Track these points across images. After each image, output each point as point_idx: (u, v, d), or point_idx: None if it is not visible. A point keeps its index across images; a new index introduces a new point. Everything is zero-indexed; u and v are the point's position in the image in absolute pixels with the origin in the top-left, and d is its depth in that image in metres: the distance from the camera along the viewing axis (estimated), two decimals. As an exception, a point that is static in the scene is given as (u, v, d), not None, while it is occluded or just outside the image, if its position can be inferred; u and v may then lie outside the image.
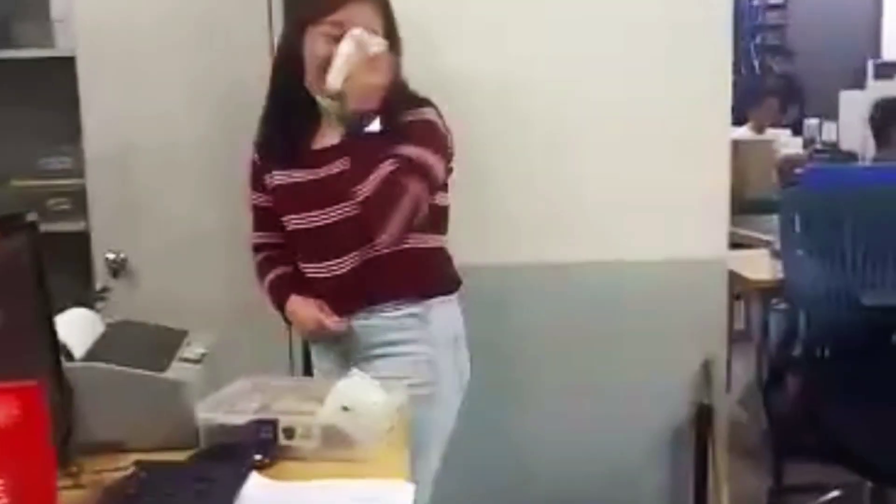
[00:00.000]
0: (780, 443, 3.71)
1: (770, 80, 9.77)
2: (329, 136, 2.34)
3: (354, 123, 2.24)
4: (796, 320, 3.57)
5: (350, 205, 2.25)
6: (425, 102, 2.35)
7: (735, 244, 4.40)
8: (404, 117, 2.29)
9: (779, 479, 3.76)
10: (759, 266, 4.03)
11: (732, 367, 4.24)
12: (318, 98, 2.31)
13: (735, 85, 3.00)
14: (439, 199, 2.38)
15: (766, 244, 4.35)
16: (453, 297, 2.44)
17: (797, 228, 3.59)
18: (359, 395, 1.93)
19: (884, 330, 3.38)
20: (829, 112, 7.41)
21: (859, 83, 7.50)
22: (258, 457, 1.78)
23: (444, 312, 2.41)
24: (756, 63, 10.71)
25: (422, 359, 2.36)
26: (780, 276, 3.71)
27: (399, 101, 2.30)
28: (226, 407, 1.93)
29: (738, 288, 4.31)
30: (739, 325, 5.00)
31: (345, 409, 1.88)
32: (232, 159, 2.67)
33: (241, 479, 1.70)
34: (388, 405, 1.95)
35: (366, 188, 2.19)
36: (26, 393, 1.21)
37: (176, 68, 2.88)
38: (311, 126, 2.37)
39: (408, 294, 2.35)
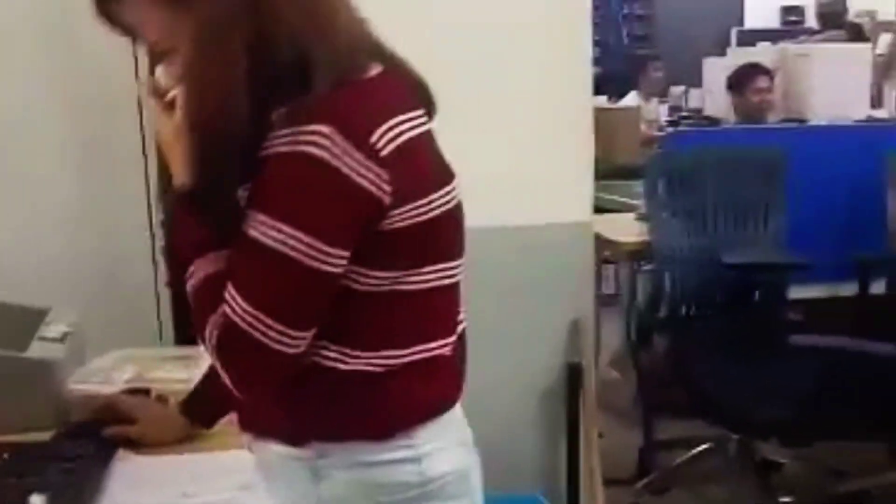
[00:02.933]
0: (649, 399, 3.82)
1: (637, 50, 9.98)
2: None
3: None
4: (662, 281, 3.68)
5: None
6: (319, 113, 1.26)
7: (603, 209, 4.50)
8: (271, 148, 1.28)
9: (649, 436, 3.87)
10: (626, 229, 4.11)
11: (604, 330, 4.33)
12: None
13: (604, 55, 3.05)
14: (372, 284, 1.35)
15: (633, 209, 4.44)
16: (386, 445, 1.40)
17: (661, 191, 3.70)
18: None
19: (744, 287, 3.51)
20: (695, 80, 7.58)
21: (723, 51, 7.69)
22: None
23: (358, 468, 1.40)
24: (624, 32, 10.89)
25: None
26: (646, 238, 3.82)
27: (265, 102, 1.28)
28: (97, 378, 1.90)
29: (608, 252, 4.40)
30: (610, 289, 5.10)
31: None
32: (89, 121, 2.59)
33: (107, 455, 1.68)
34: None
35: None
36: None
37: (28, 26, 2.76)
38: None
39: (288, 430, 1.43)
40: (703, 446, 3.76)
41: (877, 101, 5.79)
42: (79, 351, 1.99)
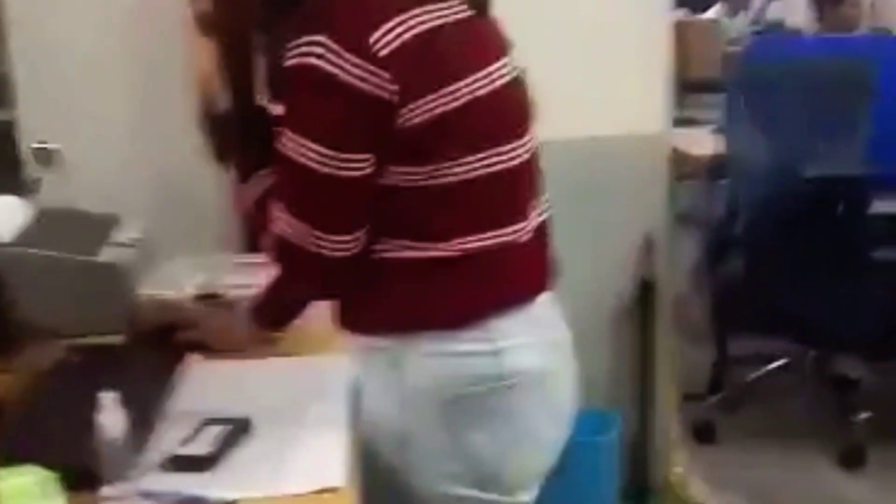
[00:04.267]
0: (724, 316, 3.76)
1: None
2: None
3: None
4: (739, 196, 3.60)
5: None
6: (306, 27, 1.31)
7: (681, 123, 4.40)
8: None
9: (723, 352, 3.82)
10: (702, 143, 4.03)
11: (680, 247, 4.26)
12: None
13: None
14: (405, 180, 1.39)
15: (711, 123, 4.34)
16: (459, 335, 1.44)
17: (741, 103, 3.60)
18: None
19: (825, 202, 3.41)
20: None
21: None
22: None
23: (435, 358, 1.45)
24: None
25: (385, 426, 1.51)
26: (723, 152, 3.73)
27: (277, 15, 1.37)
28: (168, 284, 1.91)
29: (684, 168, 4.31)
30: (685, 206, 5.01)
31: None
32: (161, 48, 2.60)
33: (177, 359, 1.69)
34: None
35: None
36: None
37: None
38: None
39: (361, 324, 1.52)
40: (778, 362, 3.72)
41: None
42: (148, 257, 2.00)
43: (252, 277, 1.94)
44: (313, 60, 1.27)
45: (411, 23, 1.31)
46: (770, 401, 3.72)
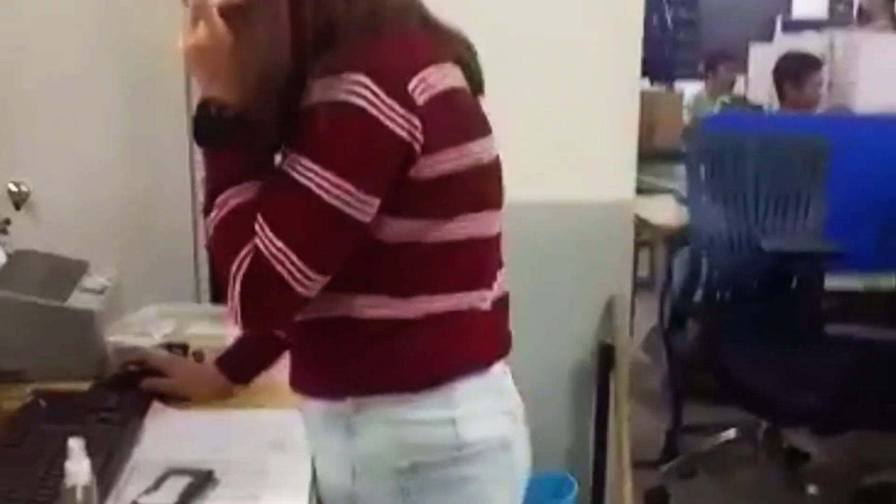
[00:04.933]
0: (680, 384, 3.81)
1: (681, 34, 9.88)
2: None
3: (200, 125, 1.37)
4: (699, 265, 3.66)
5: None
6: (338, 66, 1.29)
7: (642, 191, 4.47)
8: (311, 97, 1.30)
9: (678, 420, 3.86)
10: (665, 212, 4.10)
11: (636, 313, 4.31)
12: None
13: (646, 38, 3.03)
14: (400, 233, 1.37)
15: (673, 192, 4.42)
16: (419, 401, 1.40)
17: (702, 175, 3.67)
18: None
19: (783, 274, 3.48)
20: (740, 67, 7.51)
21: (769, 38, 7.61)
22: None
23: (391, 425, 1.41)
24: (668, 17, 10.80)
25: (336, 495, 1.48)
26: (685, 222, 3.80)
27: (323, 53, 1.31)
28: (136, 331, 1.92)
29: (644, 235, 4.39)
30: (644, 272, 5.09)
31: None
32: (139, 91, 2.63)
33: (143, 407, 1.70)
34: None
35: (210, 224, 1.38)
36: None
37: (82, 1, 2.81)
38: None
39: (326, 384, 1.46)
40: (732, 432, 3.75)
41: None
42: (117, 304, 2.01)
43: (221, 328, 1.96)
44: (355, 99, 1.26)
45: (440, 75, 1.34)
46: (723, 470, 3.76)
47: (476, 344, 1.45)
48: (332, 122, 1.27)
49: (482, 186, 1.43)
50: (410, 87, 1.30)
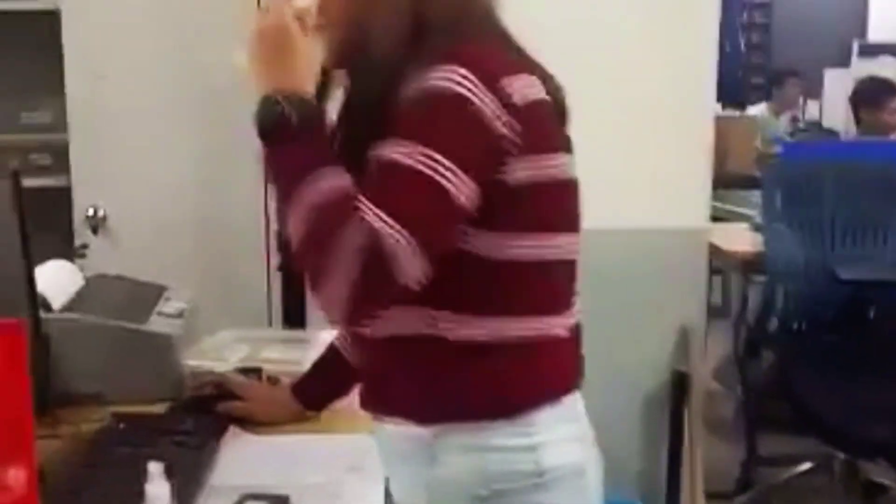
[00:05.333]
0: (754, 414, 3.75)
1: (753, 58, 9.80)
2: None
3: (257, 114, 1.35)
4: (774, 293, 3.61)
5: None
6: (447, 58, 1.30)
7: (716, 218, 4.42)
8: (409, 85, 1.30)
9: (752, 451, 3.78)
10: (739, 239, 4.04)
11: (709, 341, 4.26)
12: None
13: (721, 62, 3.02)
14: (486, 247, 1.34)
15: (747, 219, 4.37)
16: (498, 428, 1.39)
17: (778, 202, 3.62)
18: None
19: (859, 304, 3.42)
20: (814, 91, 7.44)
21: (844, 62, 7.53)
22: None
23: (469, 452, 1.39)
24: (741, 41, 10.71)
25: None
26: (760, 249, 3.75)
27: (422, 46, 1.34)
28: (211, 356, 1.93)
29: (718, 262, 4.33)
30: (717, 300, 5.02)
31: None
32: (212, 117, 2.67)
33: (219, 431, 1.71)
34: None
35: (297, 216, 1.29)
36: (8, 329, 1.18)
37: (160, 23, 2.86)
38: None
39: (404, 407, 1.43)
40: (807, 464, 3.68)
41: None
42: (193, 328, 2.03)
43: (294, 352, 1.98)
44: (459, 88, 1.27)
45: (531, 82, 1.35)
46: (798, 502, 3.68)
47: (556, 371, 1.44)
48: (438, 109, 1.28)
49: (567, 204, 1.42)
50: (506, 86, 1.30)
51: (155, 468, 1.29)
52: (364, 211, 1.22)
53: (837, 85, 5.80)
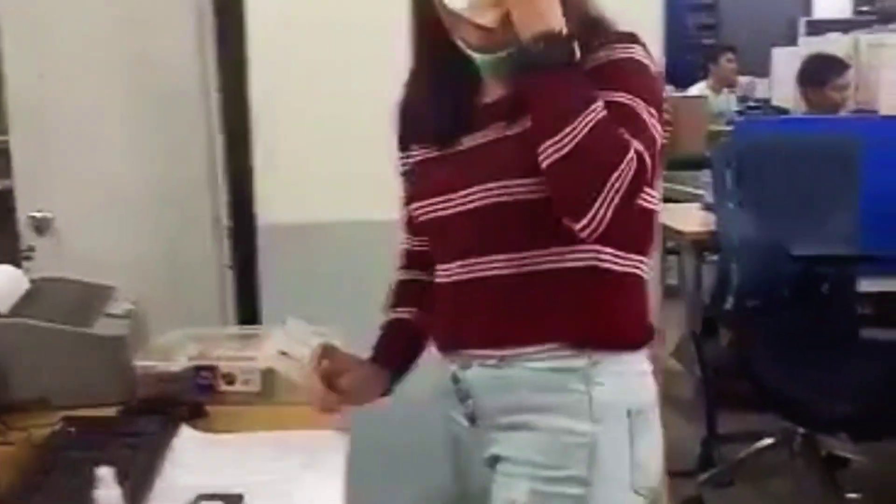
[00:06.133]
0: (713, 392, 3.77)
1: (703, 39, 9.88)
2: (492, 96, 1.58)
3: (523, 56, 1.42)
4: (728, 272, 3.63)
5: (503, 185, 1.48)
6: (631, 37, 1.54)
7: (668, 199, 4.44)
8: (600, 56, 1.49)
9: (712, 429, 3.81)
10: (692, 219, 4.07)
11: (667, 322, 4.27)
12: (469, 53, 1.54)
13: (671, 45, 3.01)
14: (644, 197, 1.50)
15: (698, 199, 4.39)
16: (638, 354, 1.57)
17: (728, 181, 3.64)
18: (296, 339, 1.93)
19: (813, 279, 3.44)
20: (761, 70, 7.49)
21: (792, 41, 7.57)
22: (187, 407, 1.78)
23: (620, 376, 1.54)
24: (689, 22, 10.77)
25: (575, 440, 1.53)
26: (712, 228, 3.77)
27: (590, 31, 1.51)
28: (162, 356, 1.91)
29: (672, 242, 4.35)
30: (673, 280, 5.04)
31: (283, 353, 1.88)
32: (158, 115, 2.64)
33: (171, 432, 1.69)
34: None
35: (556, 147, 1.37)
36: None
37: (102, 20, 2.82)
38: (471, 90, 1.60)
39: (566, 338, 1.52)
40: (768, 440, 3.70)
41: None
42: (142, 328, 2.01)
43: (249, 349, 1.96)
44: (644, 59, 1.53)
45: None
46: (760, 478, 3.71)
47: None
48: (647, 74, 1.52)
49: None
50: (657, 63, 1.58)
51: (105, 472, 1.27)
52: (628, 138, 1.38)
53: (785, 63, 5.82)
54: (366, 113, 2.38)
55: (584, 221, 1.37)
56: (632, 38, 1.54)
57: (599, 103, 1.39)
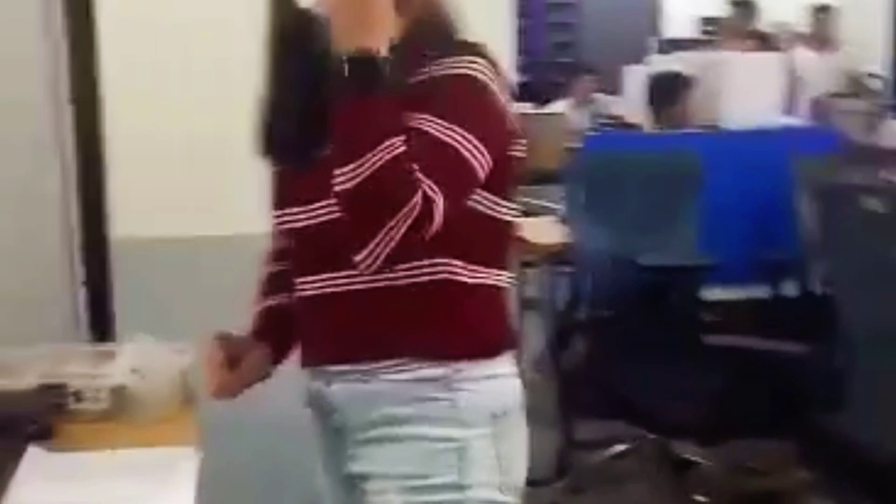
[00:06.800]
0: (569, 401, 3.85)
1: (561, 58, 10.10)
2: None
3: (346, 75, 1.39)
4: (581, 283, 3.73)
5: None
6: (473, 49, 1.52)
7: (526, 213, 4.53)
8: (436, 70, 1.49)
9: (569, 437, 3.89)
10: (548, 232, 4.16)
11: (527, 333, 4.36)
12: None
13: (530, 63, 3.08)
14: (489, 206, 1.56)
15: (555, 212, 4.49)
16: (499, 360, 1.60)
17: (581, 195, 3.75)
18: (147, 357, 1.93)
19: (660, 289, 3.57)
20: (615, 87, 7.70)
21: (642, 59, 7.81)
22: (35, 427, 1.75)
23: (483, 381, 1.57)
24: (546, 40, 10.99)
25: (443, 447, 1.56)
26: (567, 240, 3.87)
27: (432, 41, 1.52)
28: (10, 375, 1.88)
29: (530, 255, 4.44)
30: (533, 292, 5.14)
31: (133, 371, 1.88)
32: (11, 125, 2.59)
33: (17, 451, 1.66)
34: (176, 367, 1.96)
35: (346, 177, 1.38)
36: None
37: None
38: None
39: (423, 351, 1.55)
40: (620, 446, 3.81)
41: (789, 110, 5.93)
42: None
43: (100, 367, 1.94)
44: (478, 75, 1.49)
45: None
46: (614, 484, 3.81)
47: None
48: (467, 92, 1.49)
49: (513, 179, 1.61)
50: (505, 76, 1.55)
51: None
52: (419, 179, 1.38)
53: (636, 81, 6.00)
54: (219, 123, 2.39)
55: (362, 255, 1.39)
56: (473, 51, 1.52)
57: (397, 139, 1.37)
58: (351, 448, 1.60)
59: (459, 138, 1.44)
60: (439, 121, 1.44)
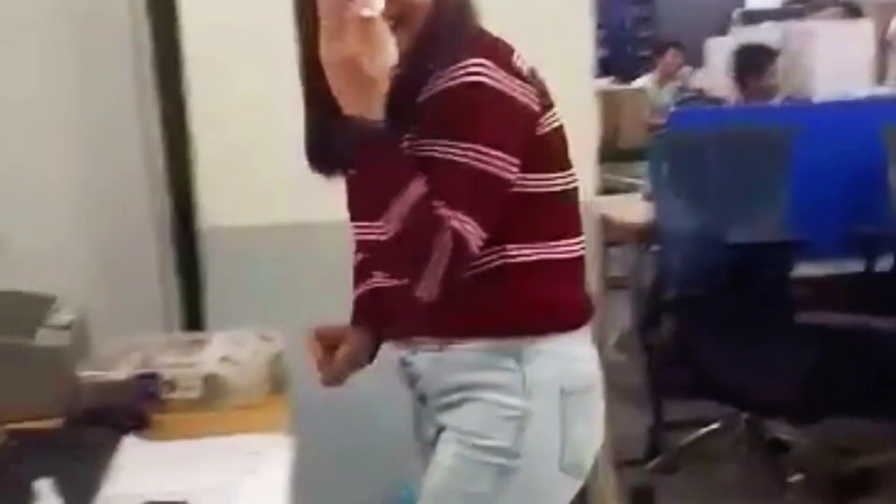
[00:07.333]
0: (658, 381, 3.82)
1: (640, 31, 9.99)
2: None
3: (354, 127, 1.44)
4: (668, 262, 3.68)
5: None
6: (477, 46, 1.52)
7: (613, 191, 4.49)
8: (440, 83, 1.49)
9: (658, 417, 3.86)
10: (633, 210, 4.11)
11: (613, 312, 4.32)
12: None
13: (609, 38, 3.04)
14: (535, 186, 1.57)
15: (640, 190, 4.44)
16: (574, 336, 1.64)
17: (665, 171, 3.70)
18: (237, 345, 1.96)
19: (749, 267, 3.51)
20: (698, 60, 7.59)
21: (726, 31, 7.68)
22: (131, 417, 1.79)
23: (554, 356, 1.61)
24: (627, 15, 10.87)
25: (505, 413, 1.60)
26: (653, 219, 3.82)
27: (436, 54, 1.51)
28: (105, 366, 1.91)
29: (614, 233, 4.40)
30: (618, 271, 5.09)
31: (224, 359, 1.91)
32: (96, 122, 2.63)
33: (115, 442, 1.70)
34: (265, 354, 1.98)
35: (383, 228, 1.45)
36: None
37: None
38: None
39: (495, 333, 1.60)
40: (712, 426, 3.76)
41: (879, 77, 5.79)
42: (84, 338, 2.01)
43: (191, 356, 1.97)
44: (478, 78, 1.47)
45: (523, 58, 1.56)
46: (706, 464, 3.77)
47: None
48: (467, 102, 1.48)
49: (564, 147, 1.64)
50: (515, 62, 1.53)
51: (42, 486, 1.27)
52: (451, 217, 1.43)
53: (719, 54, 5.90)
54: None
55: (419, 290, 1.45)
56: (476, 49, 1.50)
57: (413, 182, 1.43)
58: (433, 414, 1.67)
59: (471, 153, 1.46)
60: (448, 141, 1.46)
